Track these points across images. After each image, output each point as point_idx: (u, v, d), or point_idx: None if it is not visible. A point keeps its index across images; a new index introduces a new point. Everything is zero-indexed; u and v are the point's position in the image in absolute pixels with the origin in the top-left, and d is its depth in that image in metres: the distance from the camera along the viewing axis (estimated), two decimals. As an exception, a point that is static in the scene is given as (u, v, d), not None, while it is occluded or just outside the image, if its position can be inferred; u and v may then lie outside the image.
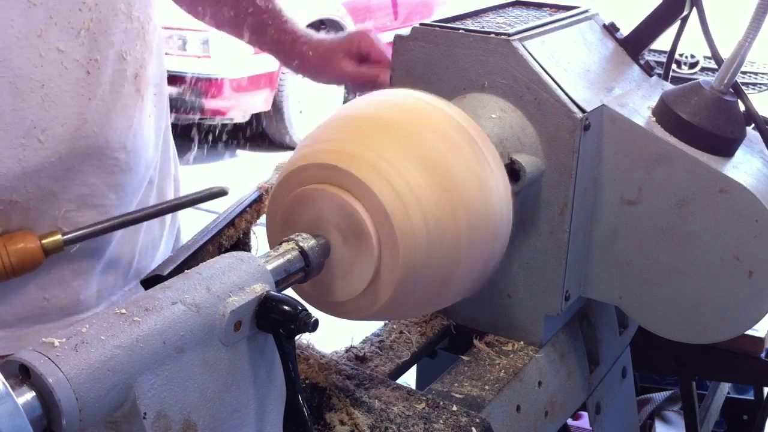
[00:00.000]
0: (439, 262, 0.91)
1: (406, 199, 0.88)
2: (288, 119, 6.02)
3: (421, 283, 0.92)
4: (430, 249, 0.90)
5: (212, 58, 5.58)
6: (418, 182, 0.89)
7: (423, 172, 0.89)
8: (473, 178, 0.93)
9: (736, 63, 1.09)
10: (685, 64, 5.09)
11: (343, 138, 0.93)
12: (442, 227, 0.90)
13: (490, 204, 0.95)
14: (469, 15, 1.24)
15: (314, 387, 1.04)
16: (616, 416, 1.43)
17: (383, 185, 0.88)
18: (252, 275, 0.81)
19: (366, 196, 0.88)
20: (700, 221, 1.10)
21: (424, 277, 0.91)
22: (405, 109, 0.97)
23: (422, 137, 0.92)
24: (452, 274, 0.94)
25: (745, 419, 2.10)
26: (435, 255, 0.90)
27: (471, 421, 1.00)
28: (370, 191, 0.88)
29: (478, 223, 0.93)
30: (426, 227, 0.89)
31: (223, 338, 0.77)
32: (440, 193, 0.90)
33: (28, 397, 0.64)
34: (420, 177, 0.89)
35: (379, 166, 0.88)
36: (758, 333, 1.54)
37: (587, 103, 1.10)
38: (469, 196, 0.92)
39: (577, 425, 2.04)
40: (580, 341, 1.30)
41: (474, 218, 0.93)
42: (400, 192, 0.88)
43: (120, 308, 0.72)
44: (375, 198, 0.87)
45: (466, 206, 0.92)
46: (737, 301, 1.10)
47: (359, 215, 0.88)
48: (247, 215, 1.26)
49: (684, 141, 1.10)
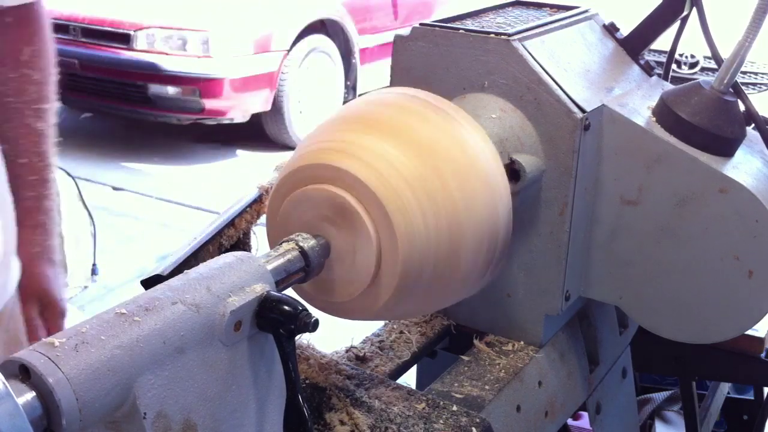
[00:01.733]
0: (437, 220, 0.92)
1: (382, 170, 0.90)
2: (288, 119, 6.02)
3: (427, 250, 0.92)
4: (422, 207, 0.91)
5: (212, 58, 5.58)
6: (392, 153, 0.91)
7: (396, 144, 0.93)
8: (446, 136, 0.96)
9: (736, 63, 1.09)
10: (685, 64, 5.09)
11: (336, 138, 0.95)
12: (428, 185, 0.92)
13: (471, 154, 0.97)
14: (469, 15, 1.24)
15: (314, 387, 1.04)
16: (616, 416, 1.43)
17: (361, 166, 0.90)
18: (252, 275, 0.81)
19: (352, 182, 0.90)
20: (700, 221, 1.10)
21: (428, 242, 0.92)
22: (387, 104, 1.00)
23: (398, 121, 0.96)
24: (458, 235, 0.94)
25: (745, 419, 2.10)
26: (429, 210, 0.92)
27: (471, 421, 1.00)
28: (351, 175, 0.90)
29: (466, 171, 0.95)
30: (410, 188, 0.90)
31: (223, 338, 0.77)
32: (416, 154, 0.93)
33: (28, 397, 0.64)
34: (394, 149, 0.92)
35: (358, 154, 0.91)
36: (758, 333, 1.54)
37: (587, 103, 1.10)
38: (443, 148, 0.95)
39: (577, 425, 2.04)
40: (580, 341, 1.30)
41: (457, 167, 0.95)
42: (377, 168, 0.90)
43: (120, 308, 0.72)
44: (357, 180, 0.89)
45: (446, 159, 0.94)
46: (737, 301, 1.10)
47: (347, 201, 0.90)
48: (247, 215, 1.26)
49: (684, 141, 1.10)
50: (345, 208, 0.90)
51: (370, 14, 6.82)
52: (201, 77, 5.64)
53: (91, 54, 5.75)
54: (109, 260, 4.15)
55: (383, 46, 6.83)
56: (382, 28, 6.87)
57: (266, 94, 5.91)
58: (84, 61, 5.74)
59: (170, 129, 6.31)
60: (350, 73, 6.75)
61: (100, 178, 5.47)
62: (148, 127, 6.35)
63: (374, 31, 6.84)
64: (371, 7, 6.82)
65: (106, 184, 5.40)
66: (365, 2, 6.75)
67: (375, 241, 0.90)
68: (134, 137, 6.35)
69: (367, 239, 0.90)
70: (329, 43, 6.44)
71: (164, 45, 5.69)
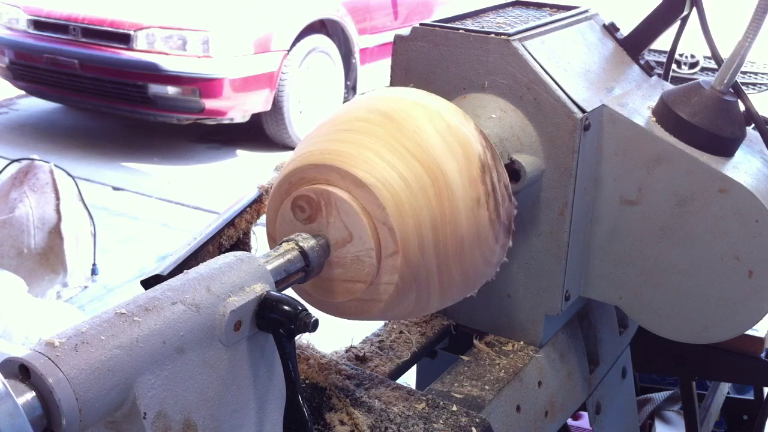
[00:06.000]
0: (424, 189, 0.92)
1: (381, 170, 0.91)
2: (288, 119, 6.01)
3: (424, 225, 0.92)
4: (408, 182, 0.91)
5: (212, 58, 5.58)
6: (387, 156, 0.92)
7: (391, 147, 0.93)
8: (428, 126, 0.96)
9: (736, 63, 1.09)
10: (685, 64, 5.09)
11: (332, 138, 0.95)
12: (424, 186, 0.92)
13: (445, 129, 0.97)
14: (469, 15, 1.24)
15: (314, 387, 1.04)
16: (616, 416, 1.43)
17: (359, 166, 0.90)
18: (252, 275, 0.81)
19: (351, 182, 0.90)
20: (700, 221, 1.10)
21: (420, 213, 0.92)
22: (409, 102, 1.00)
23: (395, 122, 0.96)
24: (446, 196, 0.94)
25: (745, 419, 2.10)
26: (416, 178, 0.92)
27: (471, 421, 1.00)
28: (350, 175, 0.90)
29: (450, 142, 0.95)
30: (409, 188, 0.90)
31: (223, 338, 0.77)
32: (396, 138, 0.93)
33: (28, 397, 0.64)
34: (389, 152, 0.92)
35: (355, 154, 0.92)
36: (758, 333, 1.54)
37: (587, 103, 1.10)
38: (422, 132, 0.95)
39: (577, 425, 2.04)
40: (580, 341, 1.30)
41: (435, 139, 0.95)
42: (376, 167, 0.90)
43: (120, 308, 0.72)
44: (355, 179, 0.90)
45: (419, 142, 0.94)
46: (737, 301, 1.10)
47: (339, 195, 0.90)
48: (247, 215, 1.26)
49: (684, 141, 1.10)
50: (339, 200, 0.90)
51: (370, 14, 6.81)
52: (201, 77, 5.64)
53: (91, 54, 5.75)
54: (109, 260, 4.15)
55: (383, 46, 6.83)
56: (382, 28, 6.87)
57: (266, 94, 5.91)
58: (84, 61, 5.74)
59: (170, 129, 6.31)
60: (350, 73, 6.75)
61: (100, 178, 5.47)
62: (148, 127, 6.35)
63: (374, 31, 6.84)
64: (371, 7, 6.81)
65: (106, 184, 5.40)
66: (365, 2, 6.75)
67: (365, 219, 0.90)
68: (134, 137, 6.35)
69: (359, 221, 0.90)
70: (329, 43, 6.44)
71: (164, 45, 5.68)
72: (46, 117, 6.72)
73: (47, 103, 6.68)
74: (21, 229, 3.75)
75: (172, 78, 5.66)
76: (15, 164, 3.95)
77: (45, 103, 6.66)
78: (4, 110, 6.88)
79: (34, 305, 3.21)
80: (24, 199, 3.79)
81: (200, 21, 5.73)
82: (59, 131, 6.40)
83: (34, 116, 6.74)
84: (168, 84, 5.68)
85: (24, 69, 6.11)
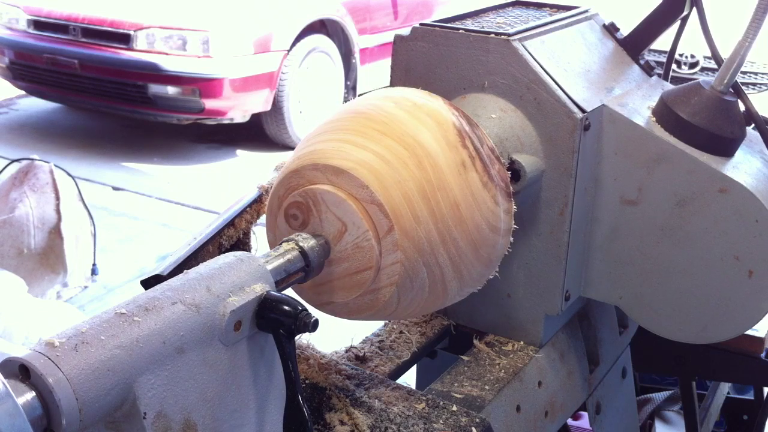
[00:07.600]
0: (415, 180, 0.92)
1: (380, 169, 0.91)
2: (288, 119, 6.01)
3: (423, 219, 0.92)
4: (417, 202, 0.91)
5: (212, 58, 5.58)
6: (384, 154, 0.92)
7: (389, 146, 0.93)
8: (395, 109, 0.97)
9: (736, 63, 1.09)
10: (685, 64, 5.09)
11: (307, 145, 0.96)
12: (396, 151, 0.93)
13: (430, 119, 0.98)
14: (469, 15, 1.24)
15: (314, 387, 1.04)
16: (616, 416, 1.43)
17: (358, 166, 0.91)
18: (252, 275, 0.81)
19: (350, 182, 0.91)
20: (700, 221, 1.10)
21: (418, 204, 0.92)
22: (379, 97, 1.01)
23: (393, 123, 0.97)
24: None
25: (745, 419, 2.10)
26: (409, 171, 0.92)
27: (471, 421, 1.00)
28: (349, 175, 0.90)
29: (433, 129, 0.96)
30: (407, 188, 0.91)
31: (223, 338, 0.77)
32: (364, 126, 0.94)
33: (28, 397, 0.64)
34: (387, 150, 0.93)
35: (353, 154, 0.92)
36: (758, 333, 1.54)
37: (587, 103, 1.10)
38: (407, 124, 0.96)
39: (577, 425, 2.04)
40: (580, 341, 1.30)
41: (420, 130, 0.95)
42: (374, 167, 0.91)
43: (120, 308, 0.72)
44: (354, 179, 0.90)
45: (387, 122, 0.95)
46: (737, 301, 1.10)
47: (323, 189, 0.91)
48: (247, 215, 1.26)
49: (684, 141, 1.10)
50: (337, 198, 0.91)
51: (370, 14, 6.81)
52: (201, 77, 5.64)
53: (91, 54, 5.75)
54: (109, 260, 4.16)
55: (383, 46, 6.83)
56: (382, 28, 6.87)
57: (266, 94, 5.91)
58: (84, 61, 5.74)
59: (170, 129, 6.31)
60: (350, 73, 6.75)
61: (100, 178, 5.47)
62: (148, 127, 6.35)
63: (374, 31, 6.84)
64: (371, 7, 6.81)
65: (106, 184, 5.40)
66: (365, 2, 6.75)
67: (353, 203, 0.90)
68: (134, 137, 6.35)
69: (356, 216, 0.90)
70: (329, 43, 6.44)
71: (164, 45, 5.68)
72: (46, 117, 6.72)
73: (47, 103, 6.68)
74: (21, 229, 3.76)
75: (172, 78, 5.66)
76: (15, 164, 3.95)
77: (45, 103, 6.66)
78: (4, 110, 6.88)
79: (34, 305, 3.21)
80: (24, 199, 3.79)
81: (200, 21, 5.73)
82: (59, 131, 6.40)
83: (34, 116, 6.74)
84: (168, 84, 5.68)
85: (24, 69, 6.11)
